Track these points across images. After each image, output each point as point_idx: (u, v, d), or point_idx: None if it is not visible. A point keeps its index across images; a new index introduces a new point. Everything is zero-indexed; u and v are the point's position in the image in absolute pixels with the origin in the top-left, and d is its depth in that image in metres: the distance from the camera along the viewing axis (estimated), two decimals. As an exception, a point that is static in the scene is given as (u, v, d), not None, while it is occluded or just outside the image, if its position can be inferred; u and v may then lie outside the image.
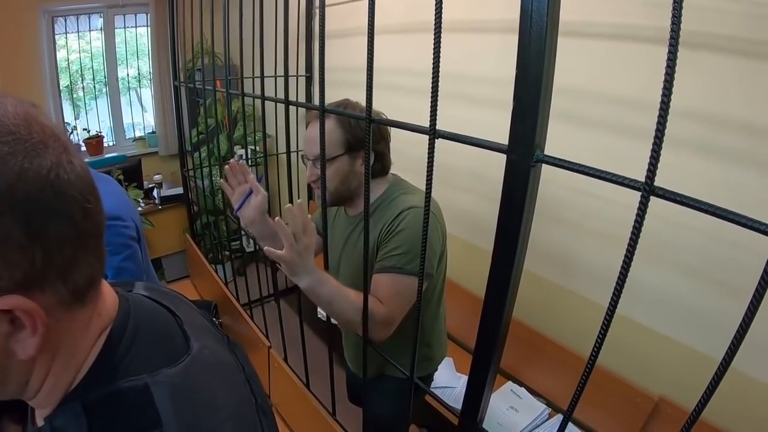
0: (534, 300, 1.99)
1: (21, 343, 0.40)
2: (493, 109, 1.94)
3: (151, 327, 0.53)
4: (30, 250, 0.37)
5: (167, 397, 0.45)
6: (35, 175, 0.37)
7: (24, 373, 0.43)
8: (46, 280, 0.40)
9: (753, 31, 1.31)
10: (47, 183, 0.38)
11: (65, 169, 0.39)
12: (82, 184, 0.41)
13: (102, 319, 0.49)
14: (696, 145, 1.45)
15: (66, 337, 0.44)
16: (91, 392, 0.45)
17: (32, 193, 0.37)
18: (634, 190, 0.59)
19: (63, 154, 0.40)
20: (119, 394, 0.44)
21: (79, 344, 0.46)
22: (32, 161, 0.37)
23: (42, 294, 0.40)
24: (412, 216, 1.19)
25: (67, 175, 0.39)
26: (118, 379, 0.45)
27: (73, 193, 0.40)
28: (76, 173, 0.41)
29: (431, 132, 0.79)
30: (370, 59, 0.87)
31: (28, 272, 0.38)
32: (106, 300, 0.50)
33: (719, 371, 0.58)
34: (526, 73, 0.65)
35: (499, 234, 0.77)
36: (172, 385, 0.47)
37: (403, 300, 1.18)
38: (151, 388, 0.45)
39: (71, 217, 0.40)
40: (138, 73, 4.26)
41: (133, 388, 0.45)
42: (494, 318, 0.83)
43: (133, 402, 0.45)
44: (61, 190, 0.39)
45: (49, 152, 0.39)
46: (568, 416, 0.80)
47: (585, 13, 1.64)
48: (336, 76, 2.83)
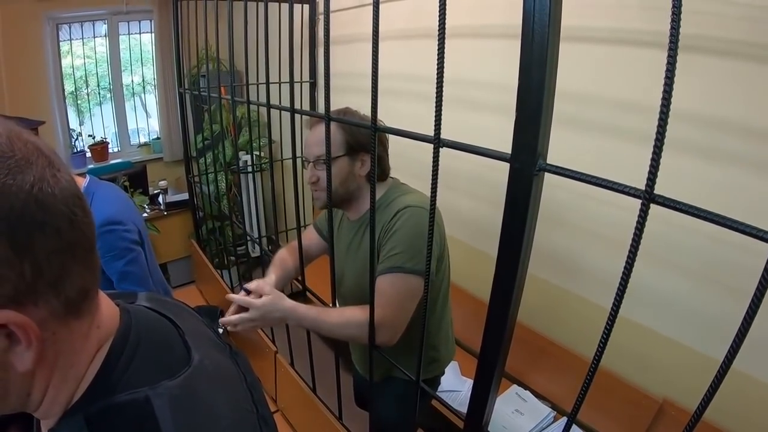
0: (537, 303, 2.00)
1: (18, 357, 0.41)
2: (494, 114, 1.95)
3: (153, 339, 0.54)
4: (18, 264, 0.38)
5: (168, 408, 0.46)
6: (18, 189, 0.38)
7: (24, 386, 0.44)
8: (38, 293, 0.40)
9: (751, 34, 1.32)
10: (31, 197, 0.38)
11: (49, 183, 0.40)
12: (67, 196, 0.42)
13: (101, 332, 0.49)
14: (695, 149, 1.46)
15: (64, 349, 0.45)
16: (92, 405, 0.45)
17: (16, 208, 0.37)
18: (635, 198, 0.60)
19: (47, 168, 0.41)
20: (120, 407, 0.45)
21: (78, 356, 0.47)
22: (15, 177, 0.38)
23: (35, 307, 0.40)
24: (408, 215, 1.21)
25: (50, 189, 0.40)
26: (119, 392, 0.46)
27: (58, 205, 0.40)
28: (61, 186, 0.41)
29: (436, 141, 0.81)
30: (374, 67, 0.89)
31: (17, 286, 0.38)
32: (105, 312, 0.51)
33: (720, 372, 0.59)
34: (528, 82, 0.66)
35: (503, 241, 0.78)
36: (173, 397, 0.48)
37: (405, 300, 1.19)
38: (152, 400, 0.46)
39: (58, 229, 0.40)
40: (142, 79, 4.29)
41: (134, 400, 0.46)
42: (499, 323, 0.84)
43: (134, 414, 0.45)
44: (45, 203, 0.39)
45: (32, 167, 0.39)
46: (572, 419, 0.81)
47: (584, 18, 1.65)
48: (338, 82, 2.83)
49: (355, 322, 1.19)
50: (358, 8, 2.72)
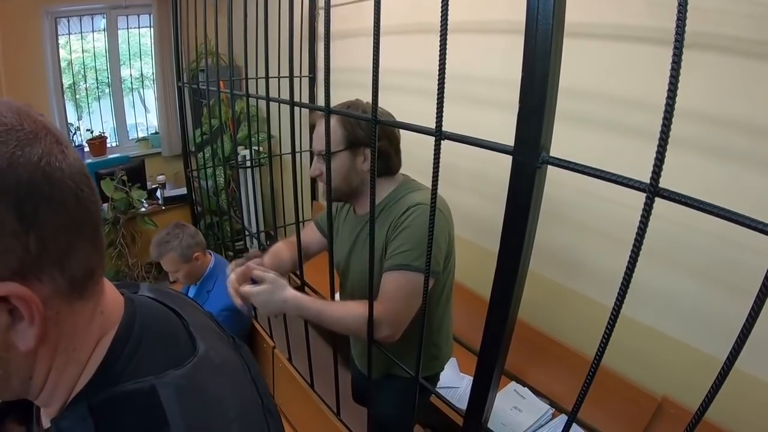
0: (537, 300, 1.99)
1: (21, 335, 0.41)
2: (495, 110, 1.94)
3: (157, 328, 0.53)
4: (24, 237, 0.38)
5: (174, 398, 0.45)
6: (26, 161, 0.38)
7: (26, 367, 0.44)
8: (42, 268, 0.40)
9: (756, 31, 1.31)
10: (38, 169, 0.38)
11: (56, 158, 0.40)
12: (75, 172, 0.42)
13: (105, 318, 0.49)
14: (700, 146, 1.45)
15: (67, 330, 0.45)
16: (97, 394, 0.45)
17: (23, 180, 0.37)
18: (639, 191, 0.59)
19: (55, 145, 0.41)
20: (126, 396, 0.44)
21: (80, 339, 0.46)
22: (23, 149, 0.38)
23: (39, 283, 0.40)
24: (418, 213, 1.20)
25: (58, 163, 0.40)
26: (124, 381, 0.45)
27: (66, 180, 0.40)
28: (69, 162, 0.41)
29: (437, 133, 0.80)
30: (375, 61, 0.88)
31: (23, 259, 0.38)
32: (110, 299, 0.50)
33: (722, 372, 0.58)
34: (532, 74, 0.65)
35: (504, 235, 0.77)
36: (179, 387, 0.47)
37: (409, 297, 1.18)
38: (158, 389, 0.45)
39: (64, 204, 0.40)
40: (141, 73, 4.28)
41: (140, 389, 0.45)
42: (500, 318, 0.83)
43: (140, 403, 0.44)
44: (52, 177, 0.39)
45: (40, 142, 0.39)
46: (572, 417, 0.80)
47: (589, 15, 1.64)
48: (336, 77, 2.82)
49: (360, 317, 1.18)
50: (357, 3, 2.71)
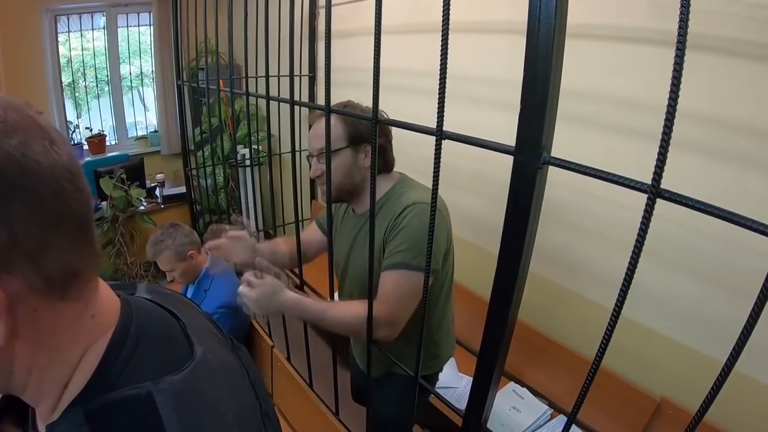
0: (537, 301, 1.99)
1: None
2: (495, 110, 1.94)
3: (154, 332, 0.52)
4: None
5: (171, 404, 0.45)
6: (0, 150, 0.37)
7: (4, 361, 0.43)
8: (12, 262, 0.39)
9: (759, 33, 1.31)
10: (13, 159, 0.37)
11: (35, 151, 0.39)
12: (59, 168, 0.40)
13: (97, 322, 0.48)
14: (702, 148, 1.45)
15: (46, 329, 0.44)
16: (92, 400, 0.44)
17: None
18: (641, 192, 0.59)
19: (40, 140, 0.40)
20: (122, 402, 0.44)
21: (65, 339, 0.45)
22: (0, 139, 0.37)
23: (9, 276, 0.39)
24: (416, 212, 1.20)
25: (36, 156, 0.39)
26: (120, 386, 0.44)
27: (44, 174, 0.39)
28: (52, 157, 0.40)
29: (438, 133, 0.79)
30: (376, 60, 0.88)
31: None
32: (105, 303, 0.50)
33: (723, 374, 0.58)
34: (533, 75, 0.65)
35: (505, 235, 0.77)
36: (176, 392, 0.46)
37: (408, 296, 1.18)
38: (155, 395, 0.44)
39: (39, 196, 0.39)
40: (140, 71, 4.27)
41: (136, 395, 0.44)
42: (500, 320, 0.83)
43: (137, 410, 0.44)
44: (27, 169, 0.38)
45: (20, 133, 0.38)
46: (572, 419, 0.80)
47: (591, 16, 1.63)
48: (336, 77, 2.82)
49: (361, 316, 1.18)
50: (357, 2, 2.70)
